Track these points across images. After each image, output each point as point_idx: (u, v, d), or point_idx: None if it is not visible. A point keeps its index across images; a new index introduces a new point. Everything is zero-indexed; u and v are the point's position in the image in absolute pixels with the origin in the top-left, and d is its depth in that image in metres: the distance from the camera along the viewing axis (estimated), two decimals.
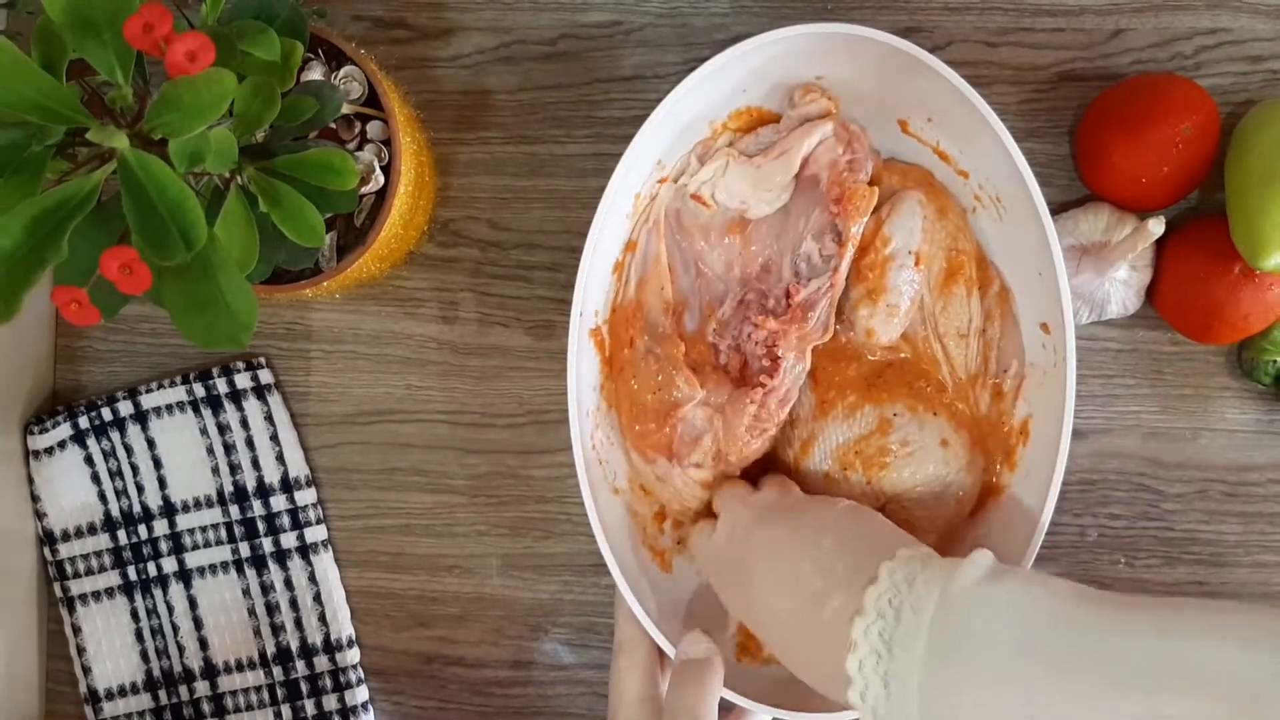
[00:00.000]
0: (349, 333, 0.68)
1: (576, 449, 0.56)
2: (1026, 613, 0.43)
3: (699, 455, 0.59)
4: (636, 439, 0.60)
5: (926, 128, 0.59)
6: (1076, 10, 0.64)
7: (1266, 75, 0.64)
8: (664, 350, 0.60)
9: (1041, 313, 0.57)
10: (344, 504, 0.68)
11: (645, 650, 0.55)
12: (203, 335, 0.46)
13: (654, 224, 0.61)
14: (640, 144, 0.56)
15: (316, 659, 0.68)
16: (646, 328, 0.60)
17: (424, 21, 0.67)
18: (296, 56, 0.48)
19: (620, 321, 0.61)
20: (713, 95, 0.58)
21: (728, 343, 0.61)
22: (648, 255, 0.61)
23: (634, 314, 0.61)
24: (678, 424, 0.59)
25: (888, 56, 0.55)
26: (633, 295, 0.61)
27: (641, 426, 0.60)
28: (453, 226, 0.67)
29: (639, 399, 0.60)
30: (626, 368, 0.60)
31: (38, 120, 0.42)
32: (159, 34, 0.41)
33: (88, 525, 0.68)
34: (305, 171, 0.48)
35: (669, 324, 0.60)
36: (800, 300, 0.58)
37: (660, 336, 0.60)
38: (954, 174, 0.59)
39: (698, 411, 0.59)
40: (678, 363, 0.59)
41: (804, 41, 0.55)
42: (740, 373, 0.60)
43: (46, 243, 0.42)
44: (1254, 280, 0.59)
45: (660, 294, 0.61)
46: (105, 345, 0.69)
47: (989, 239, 0.60)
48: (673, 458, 0.59)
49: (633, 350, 0.60)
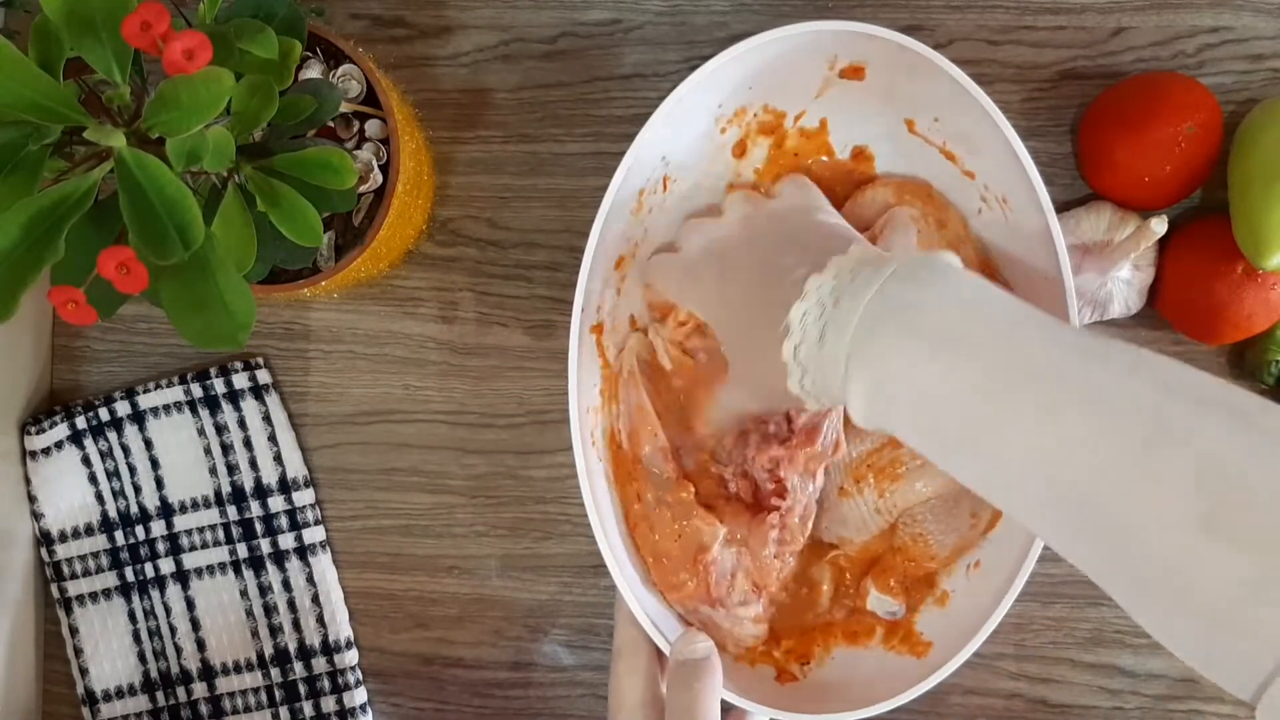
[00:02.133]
0: (347, 332, 0.68)
1: (576, 446, 0.55)
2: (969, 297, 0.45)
3: (739, 593, 0.58)
4: (673, 594, 0.59)
5: (933, 127, 0.59)
6: (1078, 8, 0.64)
7: (1269, 74, 0.64)
8: (674, 497, 0.59)
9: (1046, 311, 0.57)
10: (342, 505, 0.68)
11: (646, 653, 0.54)
12: (200, 335, 0.45)
13: (630, 375, 0.60)
14: (645, 140, 0.55)
15: (315, 660, 0.68)
16: (650, 480, 0.60)
17: (423, 20, 0.67)
18: (294, 55, 0.48)
19: (623, 479, 0.60)
20: (718, 90, 0.58)
21: (733, 470, 0.60)
22: (631, 407, 0.60)
23: (634, 469, 0.60)
24: (710, 568, 0.58)
25: (894, 55, 0.54)
26: (627, 448, 0.60)
27: (675, 580, 0.59)
28: (452, 226, 0.67)
29: (663, 550, 0.59)
30: (642, 523, 0.59)
31: (35, 119, 0.42)
32: (156, 32, 0.41)
33: (85, 526, 0.68)
34: (303, 170, 0.48)
35: (671, 469, 0.60)
36: (804, 425, 0.58)
37: (666, 485, 0.59)
38: (961, 174, 0.59)
39: (725, 549, 0.58)
40: (691, 506, 0.59)
41: (810, 39, 0.55)
42: (754, 496, 0.60)
43: (43, 242, 0.42)
44: (1257, 280, 0.59)
45: (654, 442, 0.60)
46: (102, 345, 0.69)
47: (995, 239, 0.60)
48: (715, 604, 0.58)
49: (643, 505, 0.59)
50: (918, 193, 0.60)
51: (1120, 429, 0.39)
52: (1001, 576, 0.55)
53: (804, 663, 0.60)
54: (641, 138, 0.55)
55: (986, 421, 0.42)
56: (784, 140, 0.61)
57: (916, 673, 0.55)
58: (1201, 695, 0.66)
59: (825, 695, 0.57)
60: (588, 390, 0.58)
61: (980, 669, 0.66)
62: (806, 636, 0.60)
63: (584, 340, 0.57)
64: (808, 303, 0.47)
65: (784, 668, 0.59)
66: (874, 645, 0.60)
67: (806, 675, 0.59)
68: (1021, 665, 0.66)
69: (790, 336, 0.47)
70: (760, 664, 0.60)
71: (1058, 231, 0.54)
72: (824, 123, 0.61)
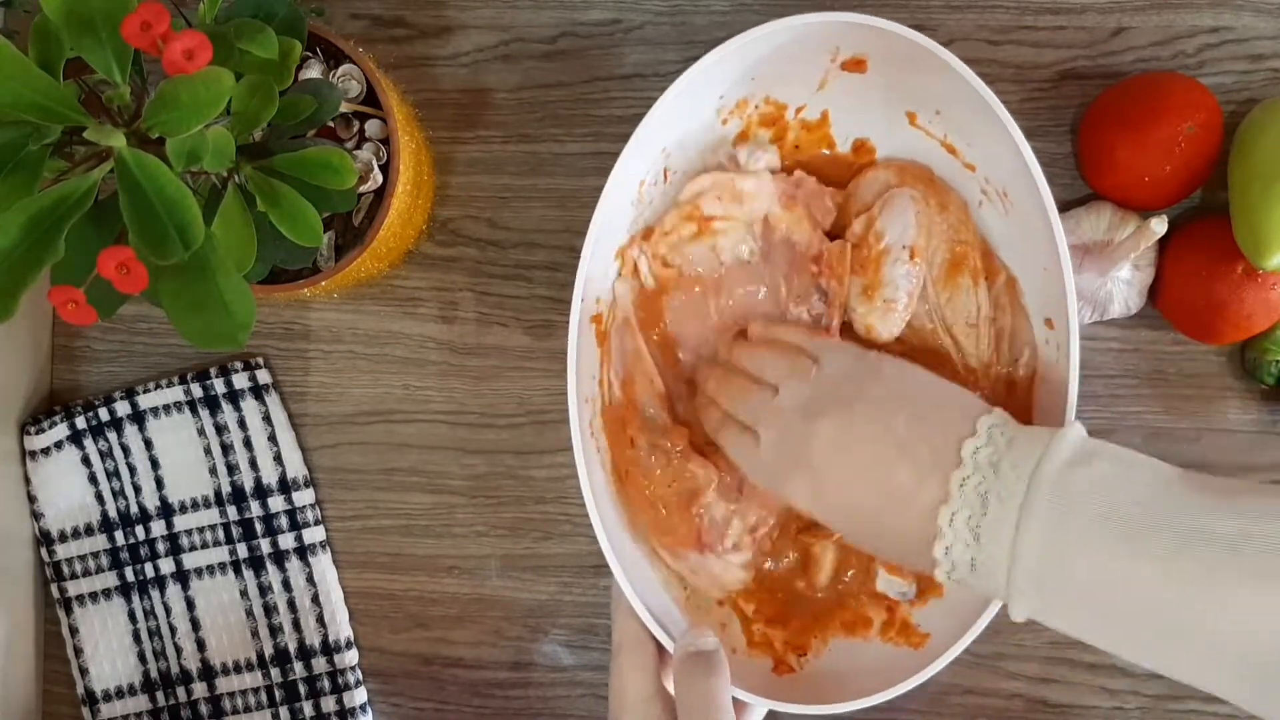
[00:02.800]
0: (347, 332, 0.68)
1: (575, 438, 0.55)
2: (1121, 494, 0.43)
3: (732, 538, 0.59)
4: (662, 538, 0.59)
5: (935, 120, 0.59)
6: (1079, 8, 0.64)
7: (1269, 74, 0.64)
8: (668, 443, 0.59)
9: (1046, 308, 0.57)
10: (342, 505, 0.68)
11: (647, 648, 0.54)
12: (200, 335, 0.45)
13: (624, 322, 0.60)
14: (648, 129, 0.55)
15: (315, 660, 0.67)
16: (644, 425, 0.60)
17: (423, 20, 0.67)
18: (294, 55, 0.48)
19: (614, 425, 0.60)
20: (720, 82, 0.58)
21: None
22: (625, 354, 0.60)
23: (628, 415, 0.60)
24: (701, 513, 0.58)
25: (896, 47, 0.54)
26: (620, 396, 0.60)
27: (665, 525, 0.59)
28: (452, 226, 0.67)
29: (656, 497, 0.59)
30: (633, 470, 0.59)
31: (35, 119, 0.42)
32: (156, 32, 0.41)
33: (85, 526, 0.68)
34: (303, 170, 0.48)
35: (665, 415, 0.60)
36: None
37: (660, 430, 0.60)
38: (961, 167, 0.59)
39: (717, 496, 0.59)
40: (686, 452, 0.59)
41: (812, 31, 0.55)
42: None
43: (43, 242, 0.42)
44: (1257, 280, 0.59)
45: (650, 388, 0.60)
46: (102, 345, 0.69)
47: (995, 233, 0.60)
48: (704, 549, 0.59)
49: (635, 450, 0.59)
50: (919, 176, 0.60)
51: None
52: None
53: (801, 654, 0.60)
54: (642, 129, 0.55)
55: (1186, 603, 0.41)
56: (785, 132, 0.61)
57: (914, 664, 0.55)
58: (1201, 695, 0.65)
59: (823, 686, 0.57)
60: (586, 381, 0.58)
61: (980, 669, 0.66)
62: (804, 628, 0.60)
63: (584, 330, 0.57)
64: (965, 470, 0.45)
65: (782, 659, 0.59)
66: (872, 636, 0.60)
67: (804, 667, 0.59)
68: (1021, 665, 0.66)
69: (948, 503, 0.45)
70: (758, 655, 0.60)
71: (1058, 225, 0.54)
72: (825, 115, 0.61)
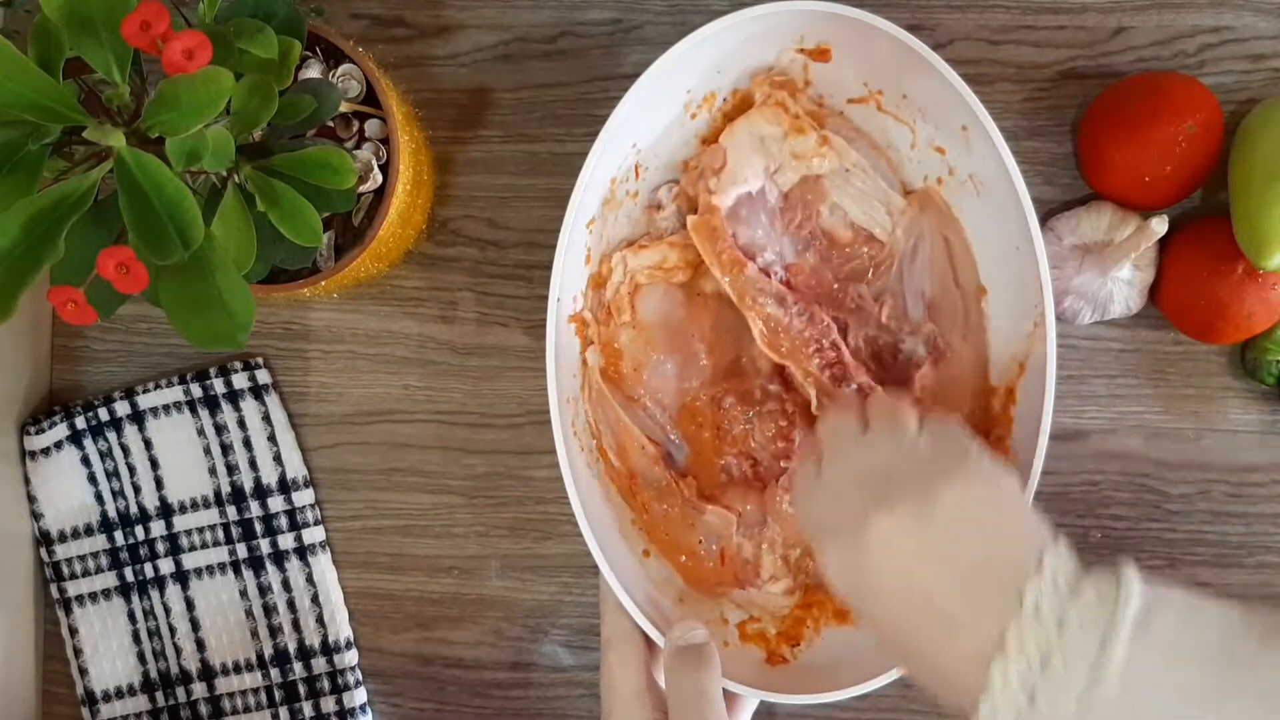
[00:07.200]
0: (347, 332, 0.68)
1: (557, 435, 0.55)
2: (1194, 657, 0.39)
3: (768, 570, 0.59)
4: (703, 585, 0.60)
5: (902, 105, 0.59)
6: (1079, 8, 0.64)
7: (1269, 73, 0.64)
8: (676, 500, 0.60)
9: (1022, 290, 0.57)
10: (342, 505, 0.68)
11: (636, 642, 0.55)
12: (200, 335, 0.45)
13: (596, 392, 0.60)
14: (615, 125, 0.55)
15: (314, 661, 0.67)
16: (650, 489, 0.61)
17: (423, 19, 0.66)
18: (294, 54, 0.48)
19: (628, 494, 0.61)
20: (686, 75, 0.58)
21: (734, 453, 0.61)
22: (609, 424, 0.61)
23: (632, 481, 0.61)
24: (733, 556, 0.59)
25: (858, 33, 0.55)
26: (619, 465, 0.61)
27: (704, 572, 0.60)
28: (451, 225, 0.67)
29: (687, 550, 0.60)
30: (657, 529, 0.60)
31: (34, 119, 0.42)
32: (156, 32, 0.41)
33: (84, 526, 0.68)
34: (303, 170, 0.48)
35: (665, 474, 0.61)
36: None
37: (666, 491, 0.61)
38: (932, 150, 0.59)
39: (743, 536, 0.59)
40: (697, 504, 0.60)
41: (776, 22, 0.55)
42: (754, 471, 0.61)
43: (43, 242, 0.42)
44: (1257, 280, 0.59)
45: (643, 453, 0.61)
46: (102, 345, 0.69)
47: (969, 215, 0.60)
48: (745, 586, 0.60)
49: (651, 515, 0.61)
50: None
51: None
52: None
53: (794, 645, 0.60)
54: (610, 124, 0.55)
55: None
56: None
57: None
58: None
59: (815, 676, 0.57)
60: (568, 381, 0.58)
61: None
62: (796, 618, 0.60)
63: (562, 330, 0.57)
64: (1009, 659, 0.40)
65: (774, 650, 0.60)
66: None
67: (797, 657, 0.60)
68: None
69: (988, 695, 0.40)
70: (750, 647, 0.60)
71: (1024, 192, 0.54)
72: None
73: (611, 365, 0.61)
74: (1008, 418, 0.58)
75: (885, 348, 0.61)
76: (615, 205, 0.60)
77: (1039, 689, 0.40)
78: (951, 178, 0.59)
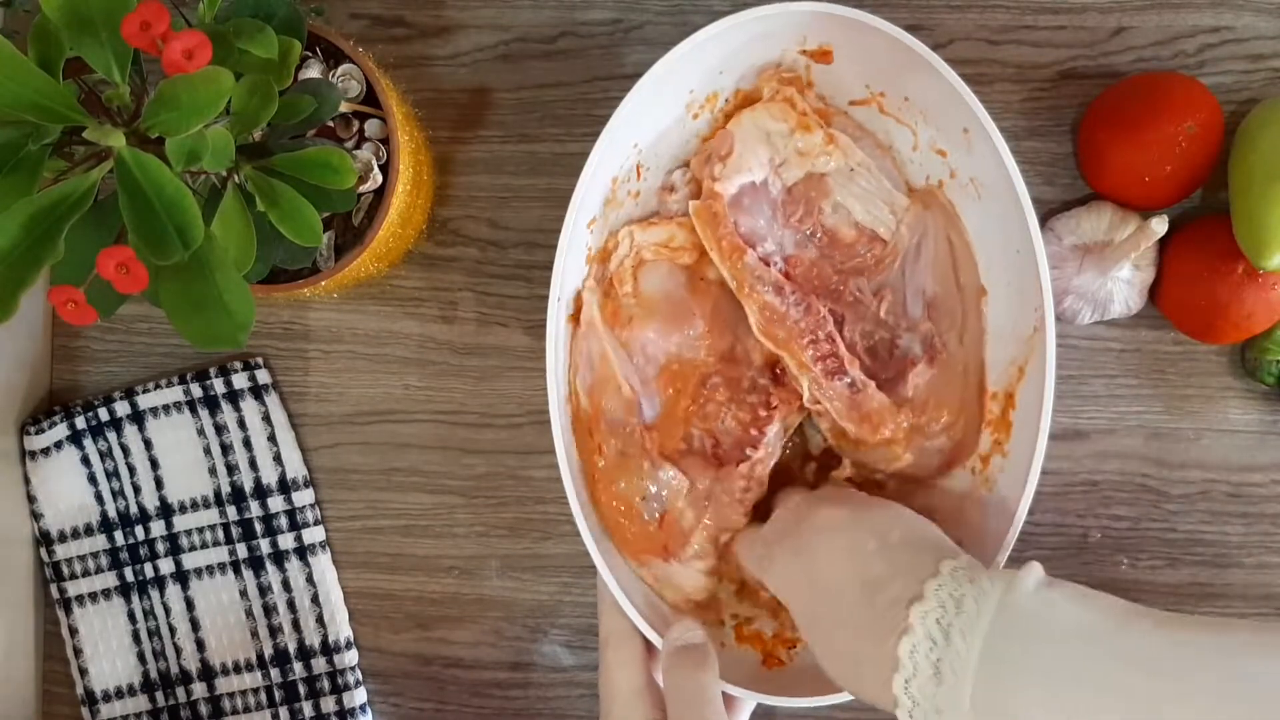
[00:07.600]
0: (347, 332, 0.68)
1: (556, 434, 0.55)
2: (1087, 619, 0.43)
3: (696, 545, 0.58)
4: (629, 546, 0.59)
5: (904, 107, 0.59)
6: (1079, 8, 0.64)
7: (1269, 73, 0.64)
8: (638, 450, 0.59)
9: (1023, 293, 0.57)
10: (342, 505, 0.68)
11: (634, 642, 0.55)
12: (200, 335, 0.45)
13: (588, 326, 0.59)
14: (617, 125, 0.55)
15: (314, 661, 0.67)
16: (612, 432, 0.59)
17: (423, 19, 0.66)
18: (294, 54, 0.48)
19: (581, 434, 0.59)
20: (689, 76, 0.58)
21: (702, 427, 0.60)
22: (593, 360, 0.59)
23: (594, 422, 0.59)
24: (673, 522, 0.58)
25: (860, 35, 0.55)
26: (586, 405, 0.59)
27: (636, 532, 0.59)
28: (452, 225, 0.67)
29: (627, 505, 0.59)
30: (603, 478, 0.59)
31: (34, 119, 0.42)
32: (156, 32, 0.41)
33: (84, 526, 0.68)
34: (303, 170, 0.48)
35: (634, 421, 0.59)
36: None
37: (629, 437, 0.59)
38: (933, 152, 0.59)
39: (688, 504, 0.58)
40: (656, 459, 0.58)
41: (779, 23, 0.55)
42: (714, 451, 0.60)
43: (43, 242, 0.42)
44: (1257, 280, 0.59)
45: (619, 394, 0.59)
46: (102, 345, 0.69)
47: (969, 218, 0.60)
48: (669, 557, 0.58)
49: (604, 457, 0.59)
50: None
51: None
52: (983, 559, 0.55)
53: (790, 647, 0.60)
54: (612, 123, 0.55)
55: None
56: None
57: None
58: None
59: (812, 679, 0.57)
60: (568, 382, 0.58)
61: None
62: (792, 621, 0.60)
63: (562, 330, 0.57)
64: (915, 637, 0.45)
65: (770, 652, 0.60)
66: None
67: (793, 660, 0.59)
68: None
69: (900, 670, 0.45)
70: (747, 649, 0.60)
71: (1024, 194, 0.54)
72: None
73: (610, 309, 0.60)
74: (1006, 421, 0.58)
75: (881, 343, 0.61)
76: (617, 205, 0.60)
77: (953, 626, 0.44)
78: (953, 180, 0.59)
